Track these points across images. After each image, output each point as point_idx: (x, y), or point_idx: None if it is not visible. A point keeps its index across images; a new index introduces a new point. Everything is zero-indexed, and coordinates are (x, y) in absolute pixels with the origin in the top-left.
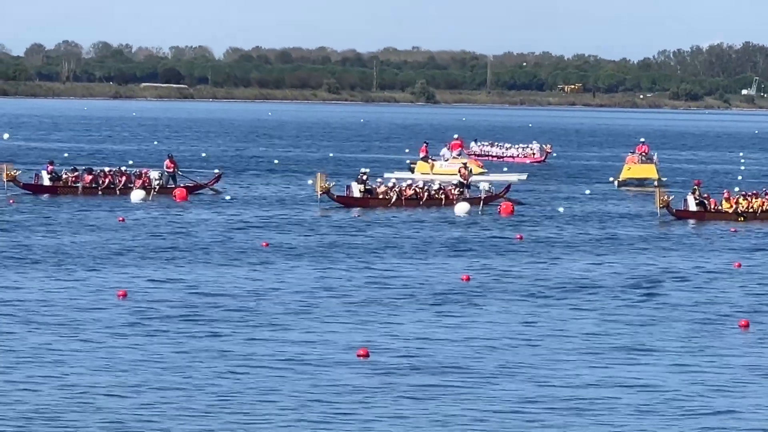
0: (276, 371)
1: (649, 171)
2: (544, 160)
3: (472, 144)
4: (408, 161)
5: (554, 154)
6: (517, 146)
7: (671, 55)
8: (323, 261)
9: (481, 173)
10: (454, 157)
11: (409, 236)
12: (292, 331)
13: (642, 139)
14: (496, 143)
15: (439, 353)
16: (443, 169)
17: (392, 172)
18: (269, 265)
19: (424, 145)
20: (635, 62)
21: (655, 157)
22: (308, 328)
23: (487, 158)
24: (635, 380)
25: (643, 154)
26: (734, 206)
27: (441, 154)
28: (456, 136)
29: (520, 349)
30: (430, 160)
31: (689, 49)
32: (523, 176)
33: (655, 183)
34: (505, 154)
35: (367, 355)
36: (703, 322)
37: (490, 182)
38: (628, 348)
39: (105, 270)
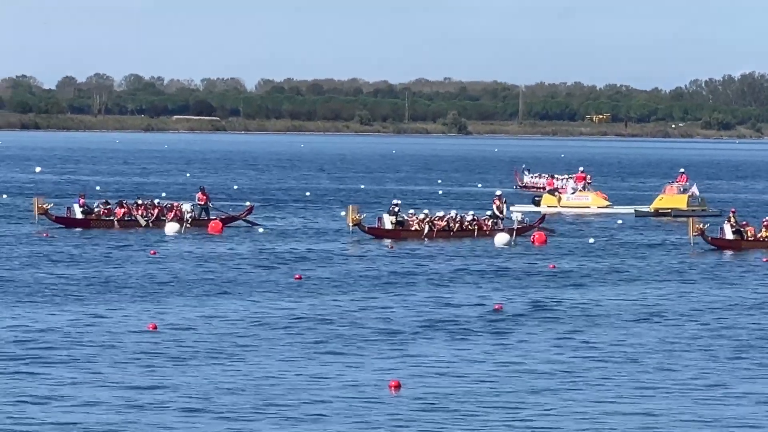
0: (308, 402)
1: (680, 202)
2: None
3: (525, 174)
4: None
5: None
6: (561, 177)
7: (703, 85)
8: (355, 293)
9: (607, 206)
10: (579, 190)
11: (442, 267)
12: (324, 363)
13: (681, 170)
14: (543, 174)
15: (474, 384)
16: (570, 202)
17: (514, 205)
18: (302, 298)
19: (551, 178)
20: (667, 92)
21: (693, 189)
22: (340, 359)
23: (534, 189)
24: (665, 411)
25: (681, 184)
26: None
27: (571, 187)
28: (581, 168)
29: (555, 380)
30: (557, 193)
31: (721, 79)
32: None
33: (672, 214)
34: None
35: (399, 387)
36: (734, 352)
37: (523, 213)
38: (660, 379)
39: (137, 302)
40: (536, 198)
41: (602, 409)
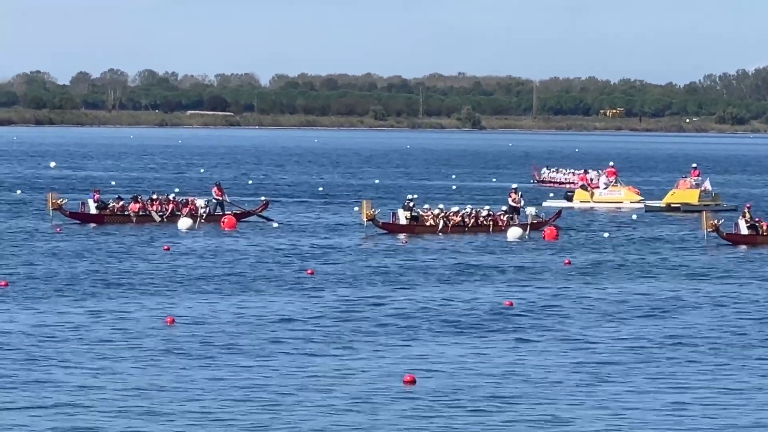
0: (321, 398)
1: (691, 197)
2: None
3: (544, 170)
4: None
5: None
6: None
7: (717, 79)
8: (369, 288)
9: (639, 200)
10: (613, 185)
11: (456, 262)
12: (338, 358)
13: (694, 165)
14: (560, 169)
15: (488, 379)
16: (603, 197)
17: (546, 201)
18: (315, 293)
19: (584, 173)
20: (681, 86)
21: (706, 184)
22: (354, 354)
23: (551, 185)
24: (679, 406)
25: (694, 178)
26: None
27: (603, 182)
28: (611, 163)
29: (568, 375)
30: (589, 189)
31: (735, 73)
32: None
33: (683, 209)
34: (569, 180)
35: (413, 382)
36: (749, 347)
37: (537, 208)
38: (673, 374)
39: (154, 297)
40: (569, 193)
41: (616, 405)
